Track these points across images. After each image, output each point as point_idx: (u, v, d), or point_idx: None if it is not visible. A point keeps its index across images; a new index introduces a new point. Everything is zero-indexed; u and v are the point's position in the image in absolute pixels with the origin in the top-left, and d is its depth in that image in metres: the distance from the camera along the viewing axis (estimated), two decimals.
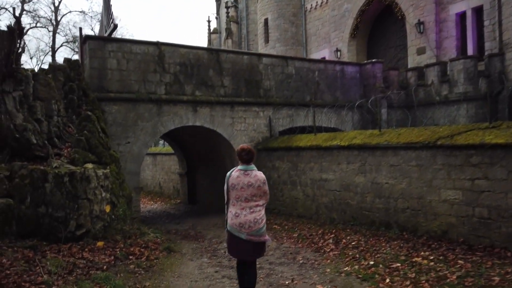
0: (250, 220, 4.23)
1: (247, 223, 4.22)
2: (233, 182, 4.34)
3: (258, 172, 4.44)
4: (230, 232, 4.37)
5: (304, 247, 7.67)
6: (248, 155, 4.41)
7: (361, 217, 9.10)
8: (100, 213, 6.90)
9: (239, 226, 4.25)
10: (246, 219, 4.23)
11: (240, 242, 4.28)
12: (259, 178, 4.38)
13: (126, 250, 6.90)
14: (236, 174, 4.39)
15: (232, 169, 4.52)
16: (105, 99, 10.52)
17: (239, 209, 4.30)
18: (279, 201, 12.00)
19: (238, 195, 4.31)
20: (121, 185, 8.37)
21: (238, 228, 4.25)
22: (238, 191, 4.31)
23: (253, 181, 4.33)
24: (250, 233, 4.22)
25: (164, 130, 11.40)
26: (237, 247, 4.35)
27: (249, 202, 4.30)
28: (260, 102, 12.99)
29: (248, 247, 4.28)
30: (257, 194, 4.33)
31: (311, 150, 10.65)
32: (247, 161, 4.42)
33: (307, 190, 10.81)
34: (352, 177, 9.35)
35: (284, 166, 11.73)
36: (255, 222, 4.24)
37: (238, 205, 4.32)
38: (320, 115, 13.52)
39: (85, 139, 7.79)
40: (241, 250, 4.34)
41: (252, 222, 4.23)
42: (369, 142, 8.90)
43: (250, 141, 12.79)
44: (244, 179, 4.32)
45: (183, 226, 11.33)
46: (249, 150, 4.44)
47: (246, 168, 4.39)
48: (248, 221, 4.23)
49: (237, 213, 4.31)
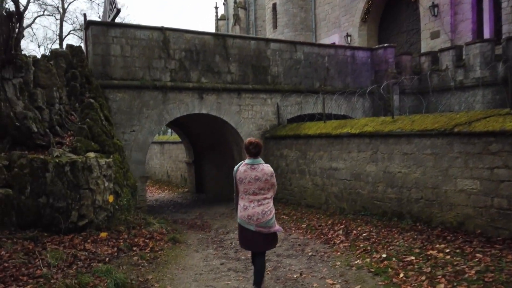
0: (258, 212, 4.29)
1: (255, 215, 4.28)
2: (241, 176, 4.37)
3: (265, 166, 4.46)
4: (240, 224, 4.44)
5: (313, 238, 7.42)
6: (255, 149, 4.42)
7: (372, 207, 8.80)
8: (103, 203, 6.72)
9: (247, 218, 4.31)
10: (254, 211, 4.29)
11: (250, 234, 4.34)
12: (266, 172, 4.40)
13: (130, 241, 6.73)
14: (243, 168, 4.41)
15: (239, 163, 4.53)
16: (109, 87, 10.28)
17: (248, 202, 4.36)
18: (287, 190, 11.74)
19: (246, 188, 4.36)
20: (125, 174, 8.17)
21: (247, 220, 4.32)
22: (246, 185, 4.35)
23: (260, 175, 4.35)
24: (259, 224, 4.28)
25: (169, 118, 11.16)
26: (248, 239, 4.40)
27: (257, 195, 4.34)
28: (267, 89, 12.64)
29: (258, 238, 4.33)
30: (264, 188, 4.37)
31: (320, 138, 10.32)
32: (254, 154, 4.43)
33: (316, 179, 10.52)
34: (363, 166, 9.02)
35: (292, 154, 11.44)
36: (264, 214, 4.30)
37: (246, 198, 4.37)
38: (330, 102, 13.14)
39: (87, 128, 7.57)
40: (252, 242, 4.39)
41: (260, 214, 4.28)
42: (381, 129, 8.54)
43: (258, 129, 12.51)
44: (251, 173, 4.35)
45: (190, 215, 11.16)
46: (257, 143, 4.45)
47: (253, 162, 4.40)
48: (256, 213, 4.28)
49: (245, 206, 4.36)
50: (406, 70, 14.93)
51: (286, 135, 11.65)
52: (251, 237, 4.35)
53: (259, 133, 12.53)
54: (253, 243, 4.39)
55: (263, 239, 4.35)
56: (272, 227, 4.35)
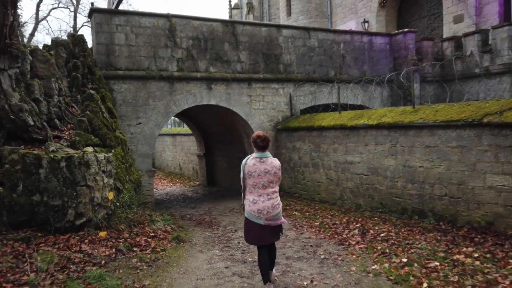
0: (268, 206, 4.31)
1: (265, 209, 4.30)
2: (250, 170, 4.35)
3: (273, 159, 4.48)
4: (248, 218, 4.42)
5: (326, 238, 6.90)
6: (263, 142, 4.40)
7: (390, 204, 8.20)
8: (102, 201, 6.34)
9: (257, 212, 4.31)
10: (264, 205, 4.30)
11: (259, 228, 4.34)
12: (275, 165, 4.42)
13: (131, 240, 6.34)
14: (252, 162, 4.38)
15: (248, 157, 4.49)
16: (114, 77, 9.89)
17: (257, 196, 4.35)
18: (300, 184, 11.21)
19: (255, 182, 4.34)
20: (128, 169, 7.79)
21: (257, 214, 4.31)
22: (256, 178, 4.33)
23: (269, 168, 4.36)
24: (269, 218, 4.31)
25: (177, 110, 10.72)
26: (257, 233, 4.39)
27: (266, 189, 4.35)
28: (279, 78, 12.06)
29: (266, 232, 4.37)
30: (273, 181, 4.39)
31: (335, 130, 9.72)
32: (262, 148, 4.41)
33: (330, 174, 9.95)
34: (381, 159, 8.41)
35: (305, 147, 10.88)
36: (273, 208, 4.33)
37: (255, 192, 4.36)
38: (346, 92, 12.48)
39: (87, 120, 7.19)
40: (260, 236, 4.40)
41: (270, 208, 4.31)
42: (401, 120, 7.89)
43: (269, 121, 11.97)
44: (260, 166, 4.34)
45: (199, 211, 10.77)
46: (265, 137, 4.43)
47: (262, 155, 4.39)
48: (266, 207, 4.30)
49: (255, 200, 4.35)
50: (427, 57, 14.09)
51: (298, 127, 11.08)
52: (261, 231, 4.36)
53: (271, 125, 11.99)
54: (262, 237, 4.39)
55: (271, 232, 4.41)
56: (279, 219, 4.43)
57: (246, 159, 4.46)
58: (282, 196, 11.67)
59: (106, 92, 8.80)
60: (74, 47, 8.81)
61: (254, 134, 4.51)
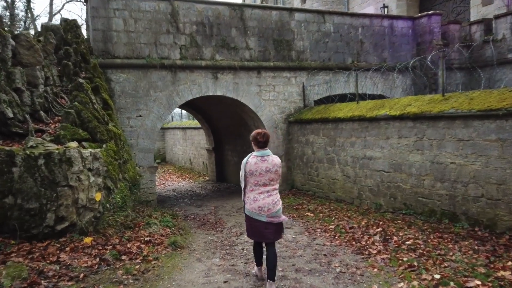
0: (269, 202, 4.31)
1: (266, 206, 4.30)
2: (251, 168, 4.34)
3: (274, 157, 4.47)
4: (250, 216, 4.42)
5: (342, 245, 6.03)
6: (263, 138, 4.39)
7: (416, 204, 7.26)
8: (88, 203, 5.62)
9: (258, 209, 4.31)
10: (265, 202, 4.31)
11: (261, 225, 4.34)
12: (276, 163, 4.40)
13: (120, 247, 5.62)
14: (253, 160, 4.36)
15: (249, 155, 4.47)
16: (111, 66, 9.17)
17: (258, 194, 4.34)
18: (313, 181, 10.33)
19: (257, 180, 4.34)
20: (122, 166, 7.06)
21: (258, 211, 4.31)
22: (257, 177, 4.33)
23: (270, 166, 4.35)
24: (270, 215, 4.31)
25: (180, 101, 9.95)
26: (259, 230, 4.38)
27: (267, 187, 4.36)
28: (291, 67, 11.14)
29: (268, 229, 4.36)
30: (274, 179, 4.40)
31: (352, 122, 8.79)
32: (263, 144, 4.40)
33: (347, 170, 9.03)
34: (405, 154, 7.45)
35: (319, 141, 9.97)
36: (274, 204, 4.33)
37: (256, 190, 4.35)
38: (364, 80, 11.47)
39: (75, 112, 6.47)
40: (263, 233, 4.38)
41: (271, 205, 4.31)
42: (429, 110, 6.91)
43: (280, 113, 11.09)
44: (262, 165, 4.33)
45: (204, 209, 10.02)
46: (265, 133, 4.42)
47: (262, 154, 4.39)
48: (267, 203, 4.31)
49: (255, 198, 4.34)
50: (454, 42, 12.92)
51: (312, 119, 10.18)
52: (263, 228, 4.35)
53: (282, 117, 11.11)
54: (264, 234, 4.38)
55: (273, 229, 4.39)
56: (281, 216, 4.41)
57: (247, 158, 4.43)
58: (294, 194, 10.86)
59: (101, 82, 8.09)
60: (67, 33, 8.11)
61: (254, 131, 4.47)
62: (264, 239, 4.42)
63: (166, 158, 26.11)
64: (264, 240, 4.45)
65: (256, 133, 4.42)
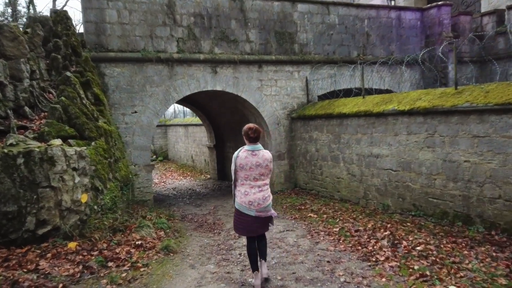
0: (259, 198, 4.31)
1: (256, 201, 4.30)
2: (242, 162, 4.31)
3: (265, 152, 4.44)
4: (239, 210, 4.40)
5: (347, 250, 5.58)
6: (255, 134, 4.35)
7: (426, 205, 6.79)
8: (73, 205, 5.23)
9: (248, 204, 4.30)
10: (255, 197, 4.30)
11: (249, 219, 4.35)
12: (266, 158, 4.39)
13: (108, 252, 5.23)
14: (244, 154, 4.34)
15: (239, 149, 4.44)
16: (105, 60, 8.77)
17: (248, 188, 4.33)
18: (317, 180, 9.88)
19: (247, 175, 4.32)
20: (113, 165, 6.66)
21: (248, 206, 4.31)
22: (247, 171, 4.31)
23: (261, 161, 4.33)
24: (259, 209, 4.31)
25: (177, 96, 9.53)
26: (247, 224, 4.39)
27: (258, 181, 4.34)
28: (294, 60, 10.66)
29: (256, 223, 4.37)
30: (265, 173, 4.38)
31: (358, 118, 8.32)
32: (254, 139, 4.36)
33: (352, 168, 8.57)
34: (414, 152, 6.98)
35: (323, 137, 9.51)
36: (264, 200, 4.33)
37: (247, 184, 4.34)
38: (371, 74, 10.98)
39: (61, 108, 6.07)
40: (249, 227, 4.39)
41: (261, 200, 4.31)
42: (441, 104, 6.42)
43: (283, 108, 10.64)
44: (252, 159, 4.30)
45: (203, 209, 9.62)
46: (256, 128, 4.39)
47: (253, 148, 4.35)
48: (257, 198, 4.31)
49: (246, 192, 4.33)
50: (465, 34, 12.35)
51: (316, 115, 9.71)
52: (251, 223, 4.36)
53: (284, 113, 10.66)
54: (252, 228, 4.39)
55: (261, 223, 4.41)
56: (270, 211, 4.41)
57: (238, 152, 4.40)
58: (297, 193, 10.41)
59: (93, 76, 7.69)
60: (56, 24, 7.71)
61: (245, 126, 4.41)
62: (251, 233, 4.43)
63: (169, 155, 25.76)
64: (250, 234, 4.45)
65: (248, 128, 4.39)
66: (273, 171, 10.60)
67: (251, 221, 4.34)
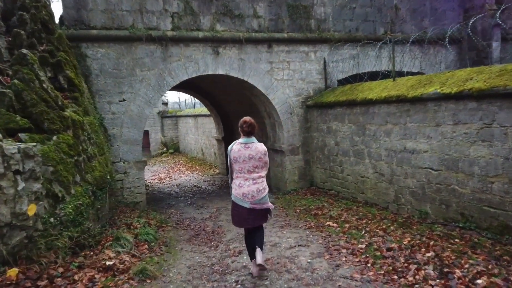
0: (253, 190, 4.34)
1: (250, 193, 4.33)
2: (235, 155, 4.37)
3: (258, 144, 4.45)
4: (235, 202, 4.42)
5: (378, 280, 4.17)
6: (249, 127, 4.41)
7: (479, 216, 5.28)
8: (15, 219, 3.99)
9: (242, 196, 4.33)
10: (250, 189, 4.33)
11: (245, 211, 4.36)
12: (259, 150, 4.39)
13: (62, 281, 3.99)
14: (237, 147, 4.40)
15: (234, 142, 4.50)
16: (87, 39, 7.50)
17: (243, 180, 4.37)
18: (336, 178, 8.43)
19: (241, 167, 4.36)
20: (84, 164, 5.38)
21: (242, 197, 4.34)
22: (241, 163, 4.35)
23: (254, 153, 4.35)
24: (253, 202, 4.32)
25: (173, 82, 8.20)
26: (242, 216, 4.40)
27: (252, 174, 4.37)
28: (310, 39, 9.16)
29: (252, 215, 4.37)
30: (259, 166, 4.39)
31: (388, 105, 6.81)
32: (248, 133, 4.42)
33: (380, 166, 7.09)
34: (463, 147, 5.46)
35: (345, 129, 8.04)
36: (258, 192, 4.35)
37: (241, 177, 4.38)
38: (401, 55, 9.38)
39: (14, 93, 4.82)
40: (245, 219, 4.40)
41: (255, 192, 4.34)
42: (503, 84, 4.87)
43: (297, 95, 9.19)
44: (245, 152, 4.35)
45: (204, 212, 8.33)
46: (251, 122, 4.43)
47: (246, 141, 4.40)
48: (251, 191, 4.33)
49: (240, 184, 4.38)
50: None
51: (336, 102, 8.23)
52: (246, 215, 4.36)
53: (298, 100, 9.21)
54: (247, 220, 4.40)
55: (256, 215, 4.39)
56: (266, 203, 4.40)
57: (232, 145, 4.46)
58: (313, 193, 8.99)
59: (66, 57, 6.41)
60: None
61: (241, 120, 4.46)
62: (247, 225, 4.45)
63: (180, 147, 24.68)
64: (245, 226, 4.47)
65: (243, 121, 4.44)
66: (286, 168, 9.22)
67: (245, 213, 4.34)
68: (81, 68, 7.40)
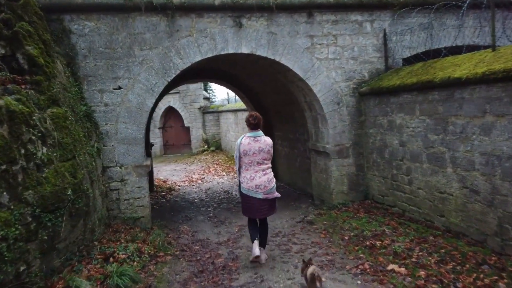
0: (265, 180, 4.65)
1: (262, 184, 4.63)
2: (245, 148, 4.64)
3: (266, 137, 4.77)
4: (246, 194, 4.71)
5: None
6: (255, 120, 4.69)
7: None
8: None
9: (255, 187, 4.62)
10: (261, 180, 4.63)
11: (258, 202, 4.65)
12: (268, 143, 4.73)
13: None
14: (246, 141, 4.67)
15: (242, 136, 4.75)
16: (70, 9, 5.91)
17: (254, 173, 4.66)
18: (402, 192, 6.12)
19: (251, 160, 4.65)
20: (17, 177, 3.65)
21: (255, 189, 4.62)
22: (251, 156, 4.64)
23: (263, 146, 4.67)
24: (266, 192, 4.63)
25: (182, 64, 6.37)
26: (255, 207, 4.68)
27: (261, 165, 4.67)
28: (365, 3, 6.90)
29: (264, 205, 4.68)
30: (267, 158, 4.71)
31: (487, 85, 4.43)
32: (254, 126, 4.71)
33: (472, 179, 4.71)
34: None
35: (414, 123, 5.71)
36: (269, 182, 4.67)
37: (252, 169, 4.67)
38: (488, 24, 6.74)
39: None
40: (258, 210, 4.69)
41: (267, 182, 4.65)
42: None
43: (346, 79, 7.00)
44: (255, 145, 4.64)
45: (222, 232, 6.45)
46: (257, 116, 4.73)
47: (255, 134, 4.70)
48: (263, 181, 4.63)
49: (252, 176, 4.65)
50: None
51: (401, 86, 5.92)
52: (259, 205, 4.66)
53: (349, 87, 7.00)
54: (260, 210, 4.69)
55: (268, 205, 4.73)
56: (275, 193, 4.74)
57: (241, 139, 4.72)
58: (367, 210, 6.47)
59: (30, 28, 4.81)
60: None
61: (248, 113, 4.78)
62: (260, 215, 4.74)
63: (222, 145, 23.20)
64: (259, 216, 4.76)
65: (249, 115, 4.74)
66: (331, 175, 7.06)
67: (259, 203, 4.66)
68: (64, 48, 5.82)
